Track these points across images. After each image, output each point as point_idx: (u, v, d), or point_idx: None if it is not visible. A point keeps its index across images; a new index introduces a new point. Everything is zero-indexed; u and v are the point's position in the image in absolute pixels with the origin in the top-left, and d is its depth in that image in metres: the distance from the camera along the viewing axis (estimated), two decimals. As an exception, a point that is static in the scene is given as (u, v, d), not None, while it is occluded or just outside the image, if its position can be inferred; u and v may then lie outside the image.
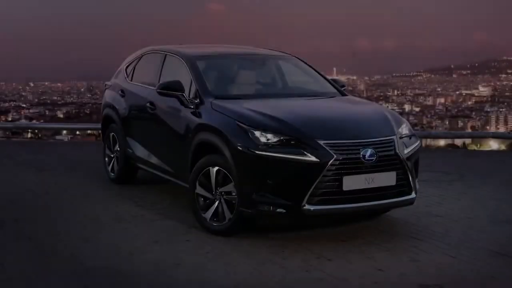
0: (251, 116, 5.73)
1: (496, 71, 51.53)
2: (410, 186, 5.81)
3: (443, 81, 49.40)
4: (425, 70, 53.72)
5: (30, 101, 41.61)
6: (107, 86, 8.53)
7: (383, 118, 6.05)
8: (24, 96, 43.56)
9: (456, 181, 8.66)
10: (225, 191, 5.80)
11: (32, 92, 45.06)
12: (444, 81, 49.63)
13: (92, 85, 45.38)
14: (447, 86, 47.32)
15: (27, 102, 40.99)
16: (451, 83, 48.24)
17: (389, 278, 4.83)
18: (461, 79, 50.17)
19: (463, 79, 49.82)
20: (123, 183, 8.01)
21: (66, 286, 4.60)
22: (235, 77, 7.08)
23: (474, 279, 4.83)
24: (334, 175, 5.40)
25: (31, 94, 44.01)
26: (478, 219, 6.56)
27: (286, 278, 4.82)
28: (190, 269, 4.97)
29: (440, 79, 50.23)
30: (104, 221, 6.32)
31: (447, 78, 51.12)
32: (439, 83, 48.13)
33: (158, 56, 7.43)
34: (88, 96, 44.09)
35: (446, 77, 51.34)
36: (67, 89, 47.17)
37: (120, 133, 7.83)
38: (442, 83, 48.60)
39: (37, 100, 42.00)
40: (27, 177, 8.51)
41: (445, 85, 47.47)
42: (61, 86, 48.75)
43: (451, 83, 48.58)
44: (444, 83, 48.60)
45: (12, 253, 5.30)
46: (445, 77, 51.31)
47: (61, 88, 48.16)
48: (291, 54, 7.68)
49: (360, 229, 6.14)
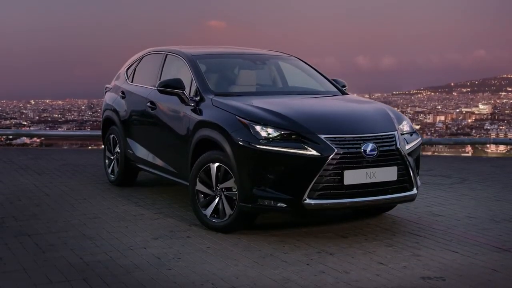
0: (251, 111, 5.73)
1: (496, 89, 51.69)
2: (411, 182, 5.79)
3: (443, 99, 49.52)
4: (425, 88, 53.96)
5: (31, 118, 41.58)
6: (107, 89, 8.54)
7: (384, 114, 6.05)
8: (25, 113, 43.56)
9: (457, 184, 8.64)
10: (226, 187, 5.78)
11: (32, 109, 45.08)
12: (444, 98, 49.75)
13: (92, 102, 45.42)
14: (447, 103, 47.40)
15: (28, 120, 40.97)
16: (451, 101, 48.33)
17: (391, 271, 4.80)
18: (461, 96, 50.32)
19: (463, 97, 49.96)
20: (123, 185, 7.98)
21: (65, 278, 4.56)
22: (235, 76, 7.10)
23: (476, 272, 4.80)
24: (335, 169, 5.39)
25: (32, 112, 44.01)
26: (480, 218, 6.54)
27: (287, 270, 4.79)
28: (190, 263, 4.95)
29: (440, 97, 50.36)
30: (104, 220, 6.29)
31: (447, 95, 51.27)
32: (439, 101, 48.23)
33: (159, 57, 7.45)
34: (89, 113, 44.11)
35: (446, 95, 51.51)
36: (68, 107, 47.20)
37: (120, 135, 7.82)
38: (442, 100, 48.70)
39: (38, 117, 41.99)
40: (27, 180, 8.49)
41: (445, 103, 47.55)
42: (62, 104, 48.80)
43: (451, 100, 48.68)
44: (444, 100, 48.70)
45: (11, 249, 5.26)
46: (445, 95, 51.47)
47: (62, 105, 48.21)
48: (291, 55, 7.70)
49: (361, 227, 6.11)
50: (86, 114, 44.13)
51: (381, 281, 4.57)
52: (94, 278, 4.57)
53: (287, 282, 4.53)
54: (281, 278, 4.61)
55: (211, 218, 5.89)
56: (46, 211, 6.64)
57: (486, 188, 8.34)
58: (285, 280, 4.57)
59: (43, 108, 46.21)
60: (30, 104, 47.47)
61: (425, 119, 42.60)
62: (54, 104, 48.40)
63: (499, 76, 53.65)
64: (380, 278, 4.64)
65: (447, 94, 52.21)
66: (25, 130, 18.88)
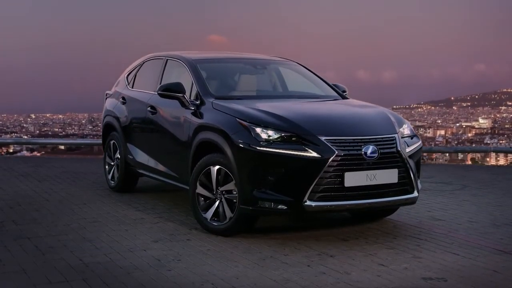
0: (252, 114, 5.73)
1: (496, 103, 51.72)
2: (412, 184, 5.78)
3: (443, 113, 49.52)
4: (426, 102, 53.98)
5: (32, 132, 41.52)
6: (107, 95, 8.54)
7: (385, 117, 6.05)
8: (26, 127, 43.53)
9: (458, 190, 8.63)
10: (226, 190, 5.77)
11: (33, 123, 45.06)
12: (444, 113, 49.77)
13: (93, 116, 45.41)
14: (447, 118, 47.40)
15: (29, 134, 40.91)
16: (451, 115, 48.34)
17: (392, 272, 4.78)
18: (461, 111, 50.32)
19: (463, 111, 49.96)
20: (123, 191, 7.96)
21: (65, 278, 4.54)
22: (235, 80, 7.10)
23: (477, 273, 4.78)
24: (335, 171, 5.37)
25: (32, 126, 43.98)
26: (481, 223, 6.52)
27: (287, 271, 4.77)
28: (190, 264, 4.93)
29: (440, 111, 50.37)
30: (103, 224, 6.27)
31: (447, 110, 51.29)
32: (439, 115, 48.23)
33: (159, 62, 7.46)
34: (89, 127, 44.07)
35: (446, 109, 51.52)
36: (69, 121, 47.19)
37: (120, 140, 7.80)
38: (443, 115, 48.71)
39: (39, 131, 41.96)
40: (27, 186, 8.47)
41: (445, 117, 47.55)
42: (62, 118, 48.80)
43: (451, 115, 48.68)
44: (444, 115, 48.71)
45: (11, 251, 5.24)
46: (445, 109, 51.48)
47: (62, 119, 48.20)
48: (291, 60, 7.70)
49: (362, 231, 6.09)
50: (87, 128, 44.11)
51: (382, 282, 4.55)
52: (94, 279, 4.55)
53: (287, 282, 4.51)
54: (282, 279, 4.59)
55: (211, 221, 5.87)
56: (46, 215, 6.62)
57: (486, 194, 8.32)
58: (286, 281, 4.55)
59: (44, 122, 46.20)
60: (31, 118, 47.48)
61: (425, 133, 42.57)
62: (55, 118, 48.40)
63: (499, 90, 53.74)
64: (381, 278, 4.62)
65: (447, 108, 52.24)
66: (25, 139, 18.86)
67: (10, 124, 44.42)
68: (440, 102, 53.74)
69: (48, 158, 13.24)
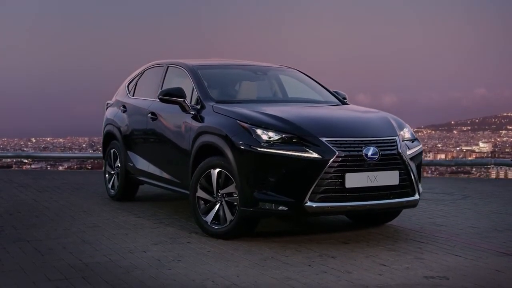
0: (252, 115, 5.73)
1: (496, 127, 51.69)
2: (413, 187, 5.76)
3: (443, 137, 49.47)
4: (426, 126, 53.89)
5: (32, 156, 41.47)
6: (108, 105, 8.55)
7: (386, 121, 6.05)
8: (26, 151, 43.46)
9: (459, 200, 8.60)
10: (226, 193, 5.74)
11: (33, 147, 44.96)
12: (445, 137, 49.68)
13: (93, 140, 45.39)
14: (447, 142, 47.32)
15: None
16: (451, 139, 48.26)
17: (394, 271, 4.74)
18: (461, 135, 50.25)
19: (463, 135, 49.89)
20: (123, 200, 7.94)
21: (64, 277, 4.51)
22: (236, 86, 7.12)
23: (479, 273, 4.75)
24: (336, 172, 5.36)
25: (33, 150, 43.87)
26: (483, 228, 6.49)
27: (288, 270, 4.74)
28: (190, 264, 4.90)
29: (440, 135, 50.31)
30: (103, 228, 6.24)
31: (448, 134, 51.21)
32: (440, 139, 48.17)
33: (160, 69, 7.48)
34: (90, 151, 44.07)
35: (446, 133, 51.45)
36: (69, 145, 47.17)
37: (121, 148, 7.79)
38: (443, 139, 48.64)
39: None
40: (27, 196, 8.45)
41: (446, 141, 47.48)
42: (63, 141, 48.80)
43: (451, 139, 48.61)
44: (445, 139, 48.63)
45: (10, 252, 5.22)
46: (445, 133, 51.42)
47: (63, 143, 48.18)
48: (291, 67, 7.73)
49: (363, 234, 6.06)
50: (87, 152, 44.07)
51: (384, 280, 4.52)
52: (94, 277, 4.52)
53: (288, 280, 4.48)
54: (283, 277, 4.56)
55: (212, 224, 5.84)
56: (46, 221, 6.60)
57: (488, 203, 8.29)
58: (287, 279, 4.51)
59: (44, 146, 46.15)
60: (31, 142, 47.45)
61: (425, 157, 42.50)
62: (55, 142, 48.36)
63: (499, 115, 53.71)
64: (382, 277, 4.59)
65: (448, 132, 52.16)
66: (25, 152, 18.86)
67: (11, 148, 44.39)
68: (441, 126, 53.67)
69: (48, 171, 13.25)
